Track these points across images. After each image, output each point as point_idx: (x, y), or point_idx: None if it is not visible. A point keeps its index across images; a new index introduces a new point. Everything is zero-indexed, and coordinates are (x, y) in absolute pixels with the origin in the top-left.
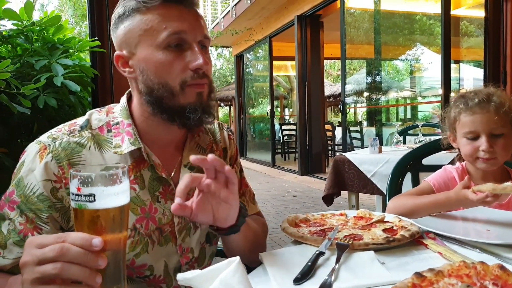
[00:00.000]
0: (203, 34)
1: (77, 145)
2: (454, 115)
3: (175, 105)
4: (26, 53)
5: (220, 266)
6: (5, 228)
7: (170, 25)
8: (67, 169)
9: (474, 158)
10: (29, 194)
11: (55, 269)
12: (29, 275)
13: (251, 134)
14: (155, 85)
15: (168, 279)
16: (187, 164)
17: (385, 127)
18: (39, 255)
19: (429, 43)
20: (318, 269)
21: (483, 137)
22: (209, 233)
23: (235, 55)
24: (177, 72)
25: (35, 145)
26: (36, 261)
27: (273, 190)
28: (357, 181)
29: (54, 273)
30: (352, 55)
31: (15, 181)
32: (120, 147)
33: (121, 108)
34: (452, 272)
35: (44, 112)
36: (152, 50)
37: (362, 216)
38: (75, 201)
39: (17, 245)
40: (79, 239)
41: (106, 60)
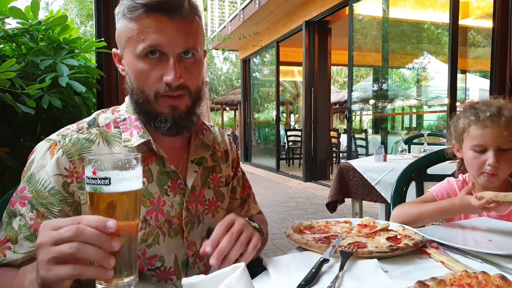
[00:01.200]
0: (185, 46)
1: (86, 141)
2: (463, 126)
3: (150, 110)
4: (31, 52)
5: (225, 272)
6: (16, 224)
7: (147, 37)
8: (78, 164)
9: (479, 172)
10: (41, 189)
11: (71, 249)
12: (44, 255)
13: (256, 139)
14: (134, 89)
15: (178, 271)
16: (194, 160)
17: (390, 135)
18: (56, 236)
19: (436, 52)
20: (322, 276)
21: (491, 152)
22: (210, 229)
23: (242, 59)
24: (152, 82)
25: (45, 143)
26: (52, 241)
27: (277, 196)
28: (361, 189)
29: (70, 253)
30: (359, 62)
31: (26, 178)
32: (129, 140)
33: (127, 105)
34: (454, 281)
35: (48, 113)
36: (133, 57)
37: (366, 224)
38: (91, 184)
39: (27, 239)
40: (94, 221)
41: (112, 61)
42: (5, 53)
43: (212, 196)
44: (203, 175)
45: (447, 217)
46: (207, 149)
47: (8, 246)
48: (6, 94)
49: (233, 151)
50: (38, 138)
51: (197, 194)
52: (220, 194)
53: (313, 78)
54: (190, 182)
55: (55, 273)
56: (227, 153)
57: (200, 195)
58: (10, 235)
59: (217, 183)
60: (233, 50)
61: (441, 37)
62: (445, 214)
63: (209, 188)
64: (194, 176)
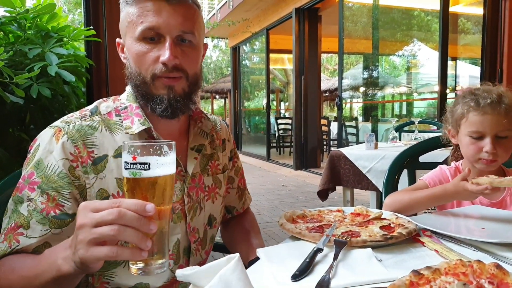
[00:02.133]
0: (182, 29)
1: (89, 127)
2: (461, 111)
3: (147, 92)
4: (19, 41)
5: (219, 263)
6: (25, 210)
7: (145, 19)
8: (82, 149)
9: (476, 158)
10: (50, 173)
11: (112, 231)
12: (85, 236)
13: (246, 128)
14: (133, 73)
15: (177, 256)
16: (194, 147)
17: (380, 122)
18: (97, 218)
19: (426, 39)
20: (316, 265)
21: (488, 139)
22: (210, 216)
23: (232, 46)
24: (149, 63)
25: (49, 130)
26: (93, 223)
27: (267, 184)
28: (352, 177)
29: (111, 234)
30: (349, 50)
31: (33, 163)
32: (130, 128)
33: (128, 94)
34: (449, 270)
35: (37, 102)
36: (133, 41)
37: (359, 213)
38: (130, 169)
39: (40, 223)
40: (134, 204)
41: (102, 50)
42: None
43: (211, 183)
44: (202, 162)
45: (440, 204)
46: (206, 137)
47: (20, 232)
48: None
49: (231, 141)
50: (27, 128)
51: (197, 180)
52: (218, 181)
53: (303, 65)
54: (190, 168)
55: (94, 253)
56: (225, 142)
57: (200, 182)
58: (20, 221)
59: (215, 170)
60: (223, 38)
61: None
62: (438, 200)
63: (208, 175)
64: (194, 163)
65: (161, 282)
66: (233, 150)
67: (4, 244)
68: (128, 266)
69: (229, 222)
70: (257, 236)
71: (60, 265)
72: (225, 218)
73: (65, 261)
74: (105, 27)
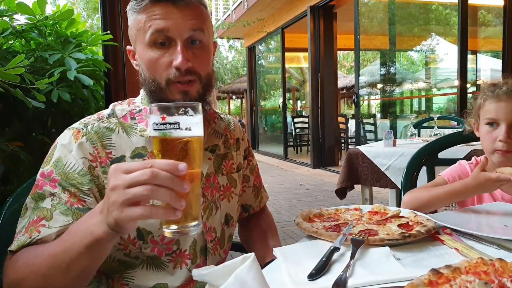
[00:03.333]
0: (191, 29)
1: (107, 129)
2: (480, 101)
3: (163, 98)
4: (39, 47)
5: (235, 262)
6: (48, 204)
7: (154, 23)
8: (101, 150)
9: (492, 149)
10: (69, 171)
11: (146, 191)
12: (119, 197)
13: (263, 127)
14: (147, 79)
15: (194, 255)
16: (208, 147)
17: (399, 119)
18: (130, 179)
19: (445, 33)
20: (333, 264)
21: (503, 126)
22: (227, 215)
23: (247, 46)
24: (162, 69)
25: (68, 131)
26: (126, 184)
27: (285, 183)
28: (371, 175)
29: (144, 194)
30: (366, 46)
31: (52, 162)
32: (145, 130)
33: (142, 97)
34: (469, 269)
35: (58, 106)
36: (143, 47)
37: (377, 211)
38: (159, 130)
39: (63, 214)
40: (166, 164)
41: (119, 54)
42: (14, 49)
43: (226, 182)
44: (216, 162)
45: (460, 199)
46: (220, 137)
47: (42, 224)
48: (16, 89)
49: (246, 140)
50: (49, 131)
51: (211, 180)
52: (232, 180)
53: (319, 63)
54: (205, 169)
55: (128, 214)
56: (239, 141)
57: (215, 182)
58: (43, 214)
59: (229, 169)
60: (238, 38)
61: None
62: (458, 196)
63: (222, 174)
64: (208, 163)
65: (179, 281)
66: (247, 148)
67: (25, 236)
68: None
69: (246, 222)
70: (274, 237)
71: (93, 231)
72: (241, 216)
73: (98, 226)
74: (122, 31)
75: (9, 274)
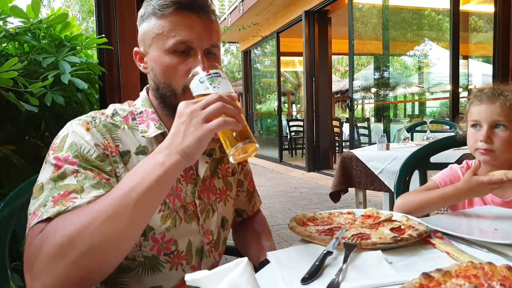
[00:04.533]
0: (211, 43)
1: (113, 125)
2: (467, 106)
3: (176, 104)
4: (33, 50)
5: (228, 267)
6: (73, 180)
7: (178, 33)
8: (111, 141)
9: (474, 149)
10: (86, 154)
11: (219, 105)
12: (198, 118)
13: (258, 130)
14: (161, 84)
15: (189, 256)
16: (205, 151)
17: (392, 123)
18: (205, 102)
19: (437, 38)
20: (326, 268)
21: (484, 127)
22: (223, 218)
23: (243, 50)
24: (180, 76)
25: (77, 121)
26: (202, 106)
27: (280, 186)
28: (365, 178)
29: (218, 108)
30: (360, 51)
31: (66, 147)
32: (146, 132)
33: (143, 100)
34: (459, 272)
35: (52, 110)
36: (161, 53)
37: (370, 215)
38: (208, 79)
39: (94, 187)
40: (224, 92)
41: (114, 57)
42: (8, 52)
43: (222, 185)
44: (212, 166)
45: (452, 203)
46: (216, 141)
47: (74, 197)
48: (9, 93)
49: None
50: (43, 135)
51: (207, 183)
52: (228, 183)
53: (314, 67)
54: (202, 172)
55: (208, 127)
56: None
57: (211, 185)
58: (72, 188)
59: (225, 173)
60: (234, 42)
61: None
62: (450, 200)
63: (218, 178)
64: (205, 166)
65: (174, 282)
66: None
67: (57, 207)
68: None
69: (240, 226)
70: (268, 238)
71: (165, 162)
72: (235, 221)
73: (169, 157)
74: (116, 35)
75: (57, 233)
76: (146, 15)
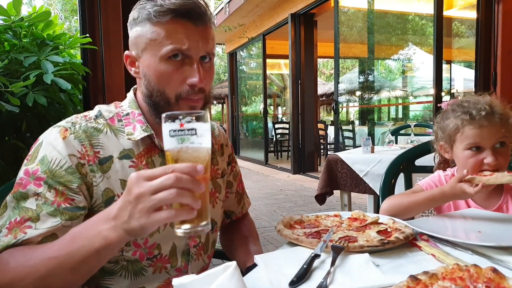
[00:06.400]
0: (207, 51)
1: (95, 130)
2: (455, 126)
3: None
4: (14, 49)
5: (216, 271)
6: (32, 204)
7: (174, 41)
8: (89, 148)
9: (478, 171)
10: (55, 168)
11: (172, 195)
12: (145, 204)
13: (244, 133)
14: (154, 91)
15: (173, 259)
16: None
17: (377, 126)
18: (156, 185)
19: (421, 43)
20: (314, 271)
21: (488, 151)
22: (211, 220)
23: (228, 52)
24: (174, 84)
25: (54, 129)
26: (152, 190)
27: (265, 189)
28: (350, 181)
29: (170, 198)
30: (345, 54)
31: (38, 160)
32: (132, 134)
33: (129, 101)
34: (446, 275)
35: (33, 110)
36: (155, 59)
37: (357, 218)
38: (177, 136)
39: (51, 215)
40: (186, 167)
41: (98, 58)
42: None
43: (211, 187)
44: None
45: (437, 205)
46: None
47: (28, 225)
48: None
49: (229, 146)
50: (24, 136)
51: None
52: (217, 185)
53: (300, 70)
54: None
55: (155, 219)
56: (223, 147)
57: None
58: (28, 215)
59: (214, 175)
60: (219, 44)
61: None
62: (436, 202)
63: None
64: None
65: (157, 283)
66: (231, 155)
67: (9, 237)
68: (174, 229)
69: (227, 228)
70: (256, 243)
71: (107, 236)
72: (224, 223)
73: (112, 231)
74: (101, 35)
75: None
76: (140, 19)
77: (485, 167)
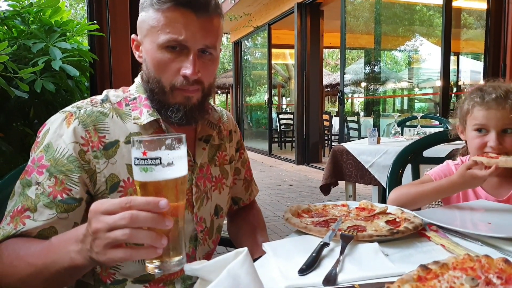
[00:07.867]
0: (206, 43)
1: (101, 114)
2: (467, 107)
3: (163, 100)
4: (22, 35)
5: (227, 257)
6: (33, 193)
7: (173, 30)
8: (93, 134)
9: (481, 153)
10: (59, 156)
11: (125, 235)
12: (101, 241)
13: (248, 123)
14: (151, 77)
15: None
16: (202, 137)
17: (382, 117)
18: (110, 223)
19: (428, 34)
20: (323, 260)
21: (493, 133)
22: (217, 206)
23: (233, 41)
24: (169, 74)
25: (60, 114)
26: (107, 228)
27: (269, 179)
28: (355, 171)
29: (123, 239)
30: (351, 45)
31: (42, 147)
32: (139, 118)
33: (137, 86)
34: (456, 265)
35: (41, 97)
36: (154, 46)
37: (364, 207)
38: (141, 165)
39: (47, 207)
40: (146, 203)
41: (105, 45)
42: None
43: (218, 173)
44: (210, 153)
45: (446, 196)
46: (213, 127)
47: (27, 215)
48: None
49: (238, 133)
50: (31, 122)
51: (204, 171)
52: (224, 172)
53: (305, 61)
54: (199, 159)
55: (110, 256)
56: (231, 133)
57: (208, 172)
58: (28, 204)
59: (222, 161)
60: (225, 33)
61: (433, 19)
62: (445, 192)
63: (215, 165)
64: (202, 153)
65: None
66: (239, 141)
67: (10, 226)
68: (144, 263)
69: (235, 216)
70: (263, 233)
71: (74, 258)
72: (231, 209)
73: (79, 255)
74: (108, 22)
75: None
76: (145, 4)
77: (487, 149)
